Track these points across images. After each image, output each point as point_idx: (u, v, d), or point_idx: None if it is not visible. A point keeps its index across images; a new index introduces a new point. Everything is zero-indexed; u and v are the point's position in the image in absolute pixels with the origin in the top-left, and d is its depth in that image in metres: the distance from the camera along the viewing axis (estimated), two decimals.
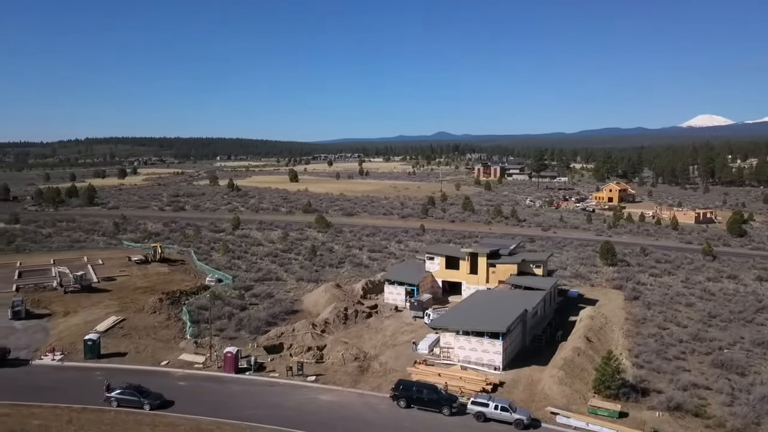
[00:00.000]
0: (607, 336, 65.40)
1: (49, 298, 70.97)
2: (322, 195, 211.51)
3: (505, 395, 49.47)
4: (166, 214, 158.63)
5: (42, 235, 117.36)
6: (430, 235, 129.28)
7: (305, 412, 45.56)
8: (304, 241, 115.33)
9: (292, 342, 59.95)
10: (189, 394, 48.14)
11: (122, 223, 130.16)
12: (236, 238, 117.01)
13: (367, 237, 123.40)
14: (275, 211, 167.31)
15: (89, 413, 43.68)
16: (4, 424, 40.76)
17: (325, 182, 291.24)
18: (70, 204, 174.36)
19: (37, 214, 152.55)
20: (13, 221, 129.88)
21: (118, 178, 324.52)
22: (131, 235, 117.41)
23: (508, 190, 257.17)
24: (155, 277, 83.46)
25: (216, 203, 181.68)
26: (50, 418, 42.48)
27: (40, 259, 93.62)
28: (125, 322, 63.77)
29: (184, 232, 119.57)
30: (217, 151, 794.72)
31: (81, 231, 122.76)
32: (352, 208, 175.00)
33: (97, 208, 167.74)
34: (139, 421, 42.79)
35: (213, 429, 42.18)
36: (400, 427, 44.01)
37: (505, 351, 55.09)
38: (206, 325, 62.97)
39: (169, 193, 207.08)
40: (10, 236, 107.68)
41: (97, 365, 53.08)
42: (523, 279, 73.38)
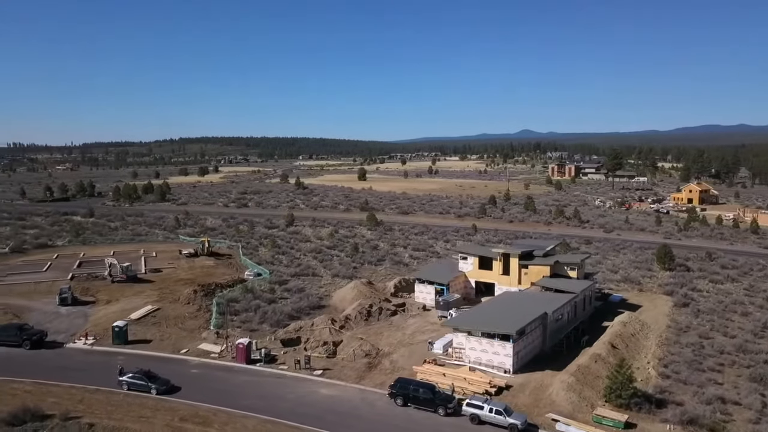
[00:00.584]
0: (639, 343, 62.07)
1: (97, 286, 76.07)
2: (384, 193, 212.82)
3: (509, 399, 48.21)
4: (228, 210, 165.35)
5: (109, 229, 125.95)
6: (481, 235, 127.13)
7: (301, 404, 46.39)
8: (352, 239, 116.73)
9: (309, 336, 61.06)
10: (197, 381, 50.22)
11: (184, 218, 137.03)
12: (287, 235, 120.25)
13: (415, 235, 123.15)
14: (333, 209, 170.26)
15: (101, 394, 46.60)
16: (22, 400, 44.27)
17: (392, 181, 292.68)
18: (145, 200, 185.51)
19: (112, 209, 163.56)
20: (88, 215, 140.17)
21: (198, 175, 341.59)
22: (189, 230, 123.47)
23: (580, 190, 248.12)
24: (199, 270, 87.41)
25: (279, 200, 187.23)
26: (64, 397, 45.72)
27: (102, 250, 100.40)
28: (159, 311, 67.29)
29: (238, 228, 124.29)
30: (300, 150, 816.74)
31: (145, 225, 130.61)
32: (409, 206, 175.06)
33: (167, 203, 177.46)
34: (142, 404, 45.17)
35: (209, 415, 43.84)
36: (392, 424, 43.91)
37: (517, 354, 53.53)
38: (231, 316, 65.47)
39: (238, 191, 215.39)
40: (79, 229, 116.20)
41: (122, 350, 56.39)
42: (554, 281, 70.81)
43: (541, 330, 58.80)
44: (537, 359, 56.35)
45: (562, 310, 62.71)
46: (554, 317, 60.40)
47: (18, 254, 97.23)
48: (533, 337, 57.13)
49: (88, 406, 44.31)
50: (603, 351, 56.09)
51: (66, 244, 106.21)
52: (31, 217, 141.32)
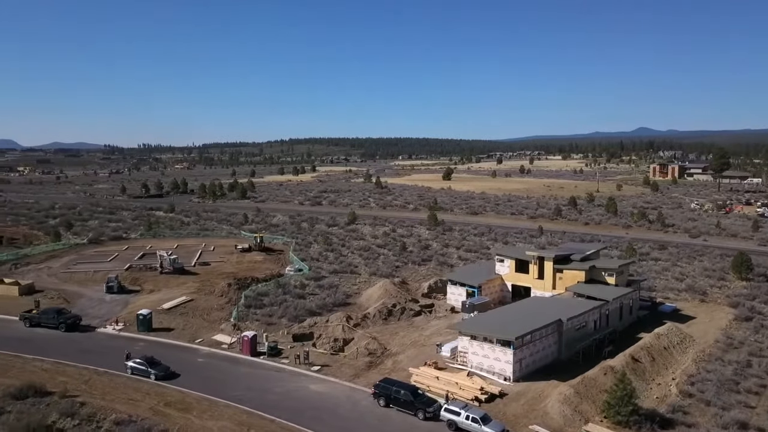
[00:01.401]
0: (672, 358, 56.88)
1: (147, 277, 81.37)
2: (461, 193, 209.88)
3: (500, 407, 46.14)
4: (301, 208, 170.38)
5: (182, 223, 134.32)
6: (546, 237, 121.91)
7: (286, 398, 47.03)
8: (407, 238, 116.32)
9: (322, 332, 61.70)
10: (199, 369, 52.39)
11: (255, 215, 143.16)
12: (344, 232, 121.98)
13: (473, 236, 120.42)
14: (402, 208, 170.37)
15: (106, 377, 49.90)
16: (36, 376, 48.44)
17: (478, 180, 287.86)
18: (228, 197, 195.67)
19: (195, 205, 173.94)
20: (169, 210, 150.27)
21: (293, 174, 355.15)
22: (255, 226, 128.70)
23: (680, 192, 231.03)
24: (245, 264, 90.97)
25: (353, 199, 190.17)
26: (74, 377, 49.44)
27: (169, 243, 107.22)
28: (192, 302, 70.80)
29: (299, 225, 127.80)
30: (401, 150, 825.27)
31: (216, 221, 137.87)
32: (482, 206, 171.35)
33: (246, 201, 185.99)
34: (138, 388, 47.85)
35: (193, 402, 45.61)
36: (367, 423, 43.44)
37: (520, 361, 50.97)
38: (255, 310, 67.66)
39: (319, 189, 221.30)
40: (152, 223, 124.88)
41: (144, 337, 60.04)
42: (589, 287, 66.58)
43: (557, 337, 55.53)
44: (549, 368, 53.30)
45: (585, 317, 58.84)
46: (573, 325, 56.81)
47: (95, 245, 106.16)
48: (544, 345, 54.10)
49: (89, 387, 47.63)
50: (619, 364, 51.98)
51: (138, 237, 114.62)
52: (120, 211, 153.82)
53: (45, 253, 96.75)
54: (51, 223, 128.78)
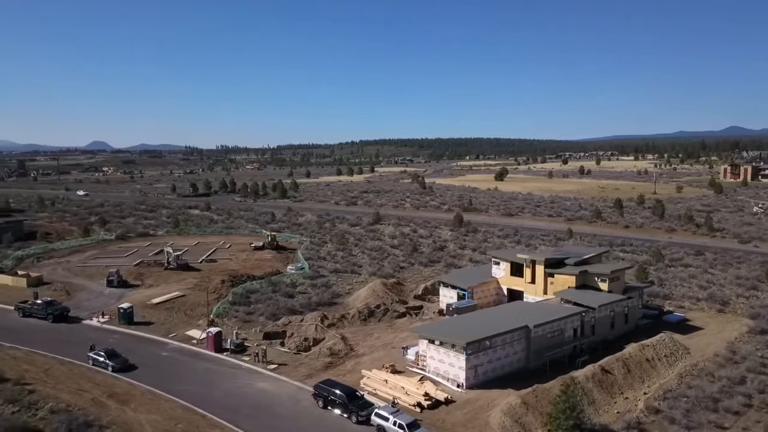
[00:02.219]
0: (654, 371, 52.84)
1: (151, 272, 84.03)
2: (507, 194, 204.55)
3: (441, 415, 44.32)
4: (335, 207, 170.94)
5: (211, 221, 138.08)
6: (574, 240, 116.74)
7: (230, 395, 47.07)
8: (427, 239, 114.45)
9: (294, 331, 61.47)
10: (158, 363, 53.35)
11: (285, 214, 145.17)
12: (364, 232, 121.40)
13: (497, 238, 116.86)
14: (437, 209, 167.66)
15: (67, 366, 51.69)
16: (1, 363, 50.82)
17: (531, 181, 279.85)
18: (270, 197, 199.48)
19: (237, 204, 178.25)
20: (204, 209, 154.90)
21: (347, 175, 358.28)
22: (279, 225, 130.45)
23: (748, 194, 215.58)
24: (252, 262, 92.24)
25: (390, 200, 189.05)
26: (38, 365, 51.52)
27: (190, 240, 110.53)
28: (183, 298, 72.36)
29: (322, 225, 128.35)
30: (470, 151, 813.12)
31: (244, 219, 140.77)
32: (521, 208, 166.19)
33: (286, 200, 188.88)
34: (91, 378, 49.30)
35: (136, 395, 46.50)
36: (299, 424, 42.81)
37: (475, 368, 48.81)
38: (238, 307, 68.34)
39: (361, 190, 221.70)
40: (177, 221, 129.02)
41: (122, 330, 61.85)
42: (577, 293, 62.94)
43: (524, 345, 52.74)
44: (512, 376, 50.68)
45: (560, 324, 55.57)
46: (543, 332, 53.77)
47: (121, 241, 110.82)
48: (508, 352, 51.52)
49: (47, 375, 49.47)
50: (583, 375, 48.72)
51: (164, 234, 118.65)
52: (159, 209, 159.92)
53: (71, 248, 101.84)
54: (90, 219, 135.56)
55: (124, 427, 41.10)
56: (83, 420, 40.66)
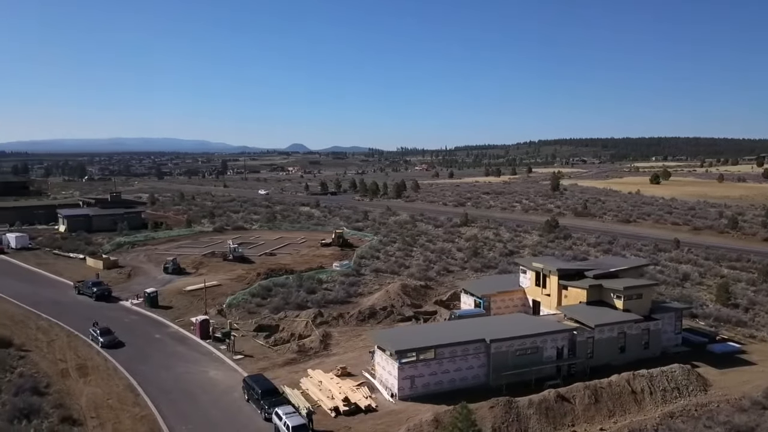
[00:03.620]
0: (637, 405, 45.14)
1: (211, 262, 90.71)
2: (647, 198, 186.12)
3: (354, 423, 42.43)
4: (439, 208, 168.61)
5: (309, 217, 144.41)
6: (680, 250, 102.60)
7: (178, 378, 49.47)
8: (504, 242, 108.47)
9: (285, 326, 62.62)
10: (144, 344, 57.66)
11: (382, 213, 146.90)
12: (443, 233, 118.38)
13: (587, 246, 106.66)
14: (547, 212, 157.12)
15: (71, 339, 58.22)
16: (20, 330, 58.96)
17: (692, 185, 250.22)
18: (387, 196, 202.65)
19: (354, 203, 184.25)
20: (314, 206, 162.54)
21: (494, 176, 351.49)
22: (367, 223, 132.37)
23: None
24: (306, 257, 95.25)
25: (503, 202, 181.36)
26: (49, 335, 58.93)
27: (273, 234, 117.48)
28: (217, 287, 77.19)
29: (402, 224, 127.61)
30: (660, 151, 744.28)
31: (339, 217, 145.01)
32: (646, 214, 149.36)
33: (399, 200, 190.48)
34: (79, 351, 55.00)
35: (101, 370, 50.93)
36: (209, 414, 43.49)
37: (411, 378, 45.85)
38: (256, 298, 71.28)
39: (483, 191, 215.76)
40: (271, 216, 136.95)
41: (144, 311, 67.90)
42: (581, 309, 55.83)
43: (484, 360, 48.12)
44: (467, 392, 46.27)
45: (532, 342, 49.64)
46: (506, 348, 48.51)
47: (217, 233, 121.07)
48: (459, 366, 47.44)
49: (49, 345, 56.33)
50: (527, 400, 43.10)
51: (257, 228, 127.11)
52: (276, 205, 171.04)
53: (168, 237, 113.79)
54: (202, 212, 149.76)
55: (63, 396, 45.46)
56: (31, 386, 45.73)
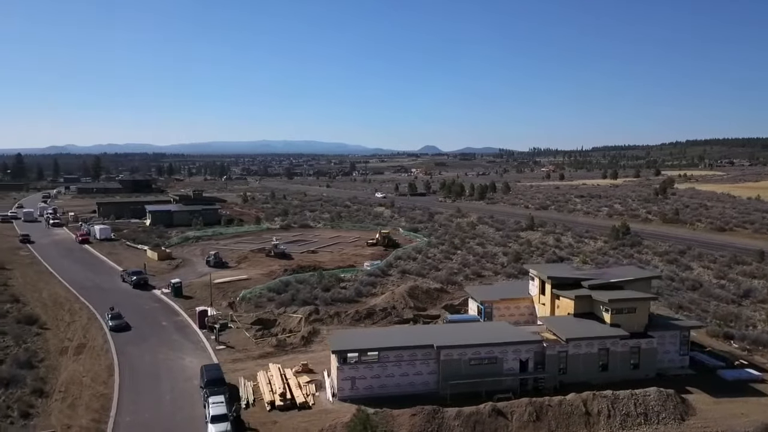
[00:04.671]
0: (585, 429, 41.19)
1: (255, 257, 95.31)
2: (756, 205, 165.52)
3: (282, 418, 42.94)
4: (520, 211, 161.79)
5: (374, 217, 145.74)
6: (765, 263, 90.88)
7: (153, 364, 52.74)
8: (561, 249, 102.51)
9: (280, 321, 64.46)
10: (149, 329, 61.88)
11: (452, 214, 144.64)
12: (501, 237, 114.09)
13: (653, 255, 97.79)
14: (633, 218, 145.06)
15: (90, 321, 64.17)
16: (52, 310, 66.11)
17: None
18: (471, 197, 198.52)
19: (435, 204, 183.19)
20: (389, 206, 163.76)
21: (611, 179, 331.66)
22: (432, 225, 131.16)
23: None
24: (345, 256, 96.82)
25: (594, 206, 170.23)
26: (73, 316, 65.46)
27: (331, 233, 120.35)
28: (247, 280, 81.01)
29: (461, 226, 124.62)
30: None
31: (405, 217, 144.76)
32: (748, 222, 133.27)
33: (480, 202, 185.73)
34: (90, 332, 60.45)
35: (95, 351, 55.76)
36: (163, 398, 46.28)
37: (351, 379, 45.54)
38: (270, 293, 74.04)
39: (577, 194, 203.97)
40: (337, 215, 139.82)
41: (166, 300, 73.01)
42: (562, 321, 52.28)
43: (434, 367, 46.47)
44: (414, 399, 45.13)
45: (488, 351, 46.98)
46: (458, 356, 46.38)
47: (282, 230, 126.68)
48: (406, 371, 46.22)
49: (68, 325, 62.65)
50: (455, 411, 41.03)
51: (320, 226, 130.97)
52: (353, 205, 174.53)
53: (235, 233, 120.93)
54: (277, 210, 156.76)
55: (49, 371, 50.58)
56: (26, 359, 51.53)
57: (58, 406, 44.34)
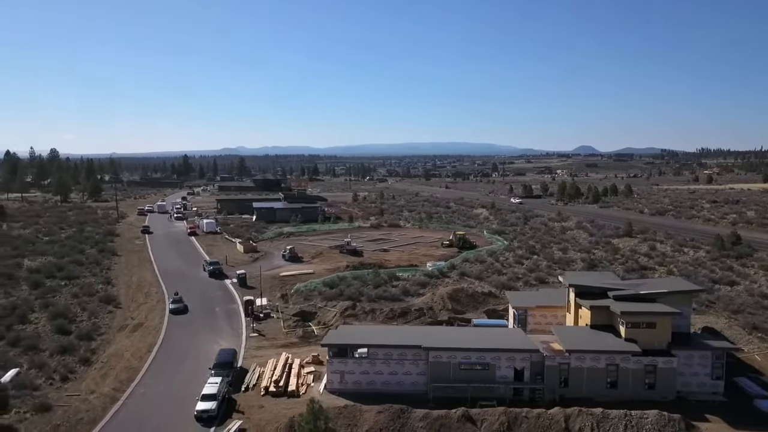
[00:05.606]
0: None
1: (329, 253, 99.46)
2: None
3: (269, 405, 45.60)
4: (633, 216, 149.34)
5: (467, 218, 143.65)
6: None
7: (187, 346, 57.93)
8: (655, 258, 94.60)
9: (319, 314, 67.45)
10: (202, 313, 68.00)
11: (552, 217, 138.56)
12: (590, 243, 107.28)
13: (761, 267, 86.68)
14: (762, 227, 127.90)
15: (159, 303, 71.86)
16: (132, 295, 75.00)
17: None
18: (587, 200, 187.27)
19: (546, 207, 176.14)
20: (489, 207, 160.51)
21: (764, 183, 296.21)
22: (520, 228, 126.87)
23: None
24: (414, 255, 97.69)
25: (719, 214, 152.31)
26: (147, 299, 73.69)
27: (416, 233, 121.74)
28: (311, 275, 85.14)
29: (549, 230, 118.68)
30: None
31: (499, 219, 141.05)
32: None
33: (592, 206, 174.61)
34: (150, 312, 68.09)
35: (152, 329, 62.54)
36: (179, 375, 51.14)
37: (341, 373, 47.09)
38: (322, 287, 77.48)
39: (711, 199, 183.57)
40: (429, 216, 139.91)
41: (231, 288, 79.22)
42: (573, 332, 49.47)
43: (423, 369, 46.42)
44: (404, 399, 45.51)
45: (479, 357, 45.84)
46: (450, 360, 45.80)
47: (373, 229, 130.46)
48: (395, 369, 46.77)
49: (138, 306, 70.94)
50: (422, 413, 40.80)
51: (409, 226, 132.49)
52: (454, 207, 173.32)
53: (328, 230, 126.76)
54: (373, 210, 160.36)
55: (104, 344, 58.09)
56: (88, 332, 59.70)
57: (93, 375, 50.91)
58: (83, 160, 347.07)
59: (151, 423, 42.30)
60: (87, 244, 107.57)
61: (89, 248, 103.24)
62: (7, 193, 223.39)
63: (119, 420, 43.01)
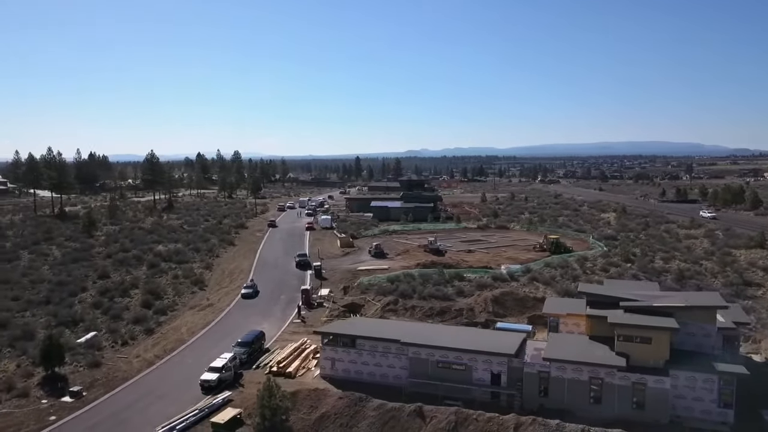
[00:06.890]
0: None
1: (415, 250, 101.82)
2: None
3: None
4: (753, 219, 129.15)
5: (586, 221, 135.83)
6: None
7: (237, 326, 64.92)
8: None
9: (365, 307, 70.81)
10: (269, 300, 74.78)
11: (682, 224, 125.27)
12: (705, 253, 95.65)
13: None
14: None
15: (235, 290, 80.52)
16: (220, 280, 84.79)
17: None
18: (745, 207, 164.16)
19: (691, 212, 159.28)
20: (619, 211, 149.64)
21: None
22: (635, 234, 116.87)
23: None
24: (495, 257, 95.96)
25: None
26: (232, 283, 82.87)
27: (519, 235, 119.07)
28: (386, 270, 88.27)
29: (664, 237, 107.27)
30: None
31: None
32: None
33: (749, 213, 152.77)
34: (226, 297, 76.76)
35: (219, 308, 71.13)
36: (214, 349, 57.94)
37: (332, 360, 50.47)
38: (385, 283, 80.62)
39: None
40: (531, 220, 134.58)
41: (306, 279, 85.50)
42: (563, 340, 47.19)
43: (405, 363, 47.85)
44: (384, 391, 47.58)
45: (456, 357, 46.07)
46: (428, 357, 46.69)
47: (479, 230, 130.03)
48: (379, 361, 48.95)
49: (218, 289, 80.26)
50: (377, 404, 42.37)
51: (516, 228, 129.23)
52: (582, 210, 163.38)
53: (434, 230, 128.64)
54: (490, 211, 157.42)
55: (172, 319, 67.59)
56: (163, 308, 69.79)
57: (146, 344, 59.90)
58: (263, 160, 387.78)
59: (165, 386, 49.21)
60: (215, 234, 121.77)
61: (214, 238, 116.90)
62: (190, 189, 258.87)
63: (143, 380, 50.75)
